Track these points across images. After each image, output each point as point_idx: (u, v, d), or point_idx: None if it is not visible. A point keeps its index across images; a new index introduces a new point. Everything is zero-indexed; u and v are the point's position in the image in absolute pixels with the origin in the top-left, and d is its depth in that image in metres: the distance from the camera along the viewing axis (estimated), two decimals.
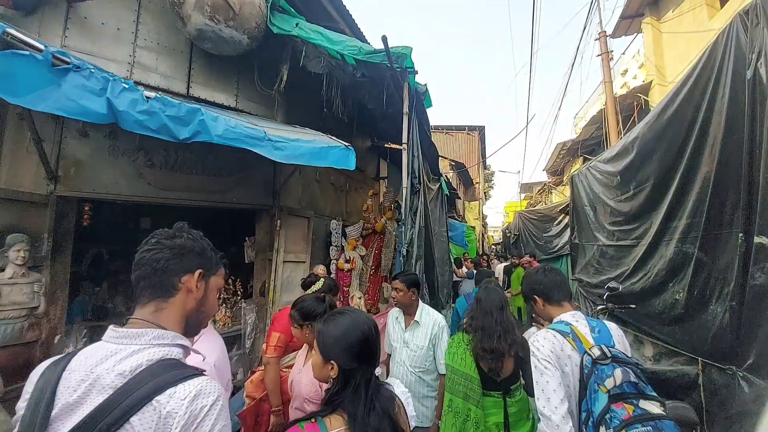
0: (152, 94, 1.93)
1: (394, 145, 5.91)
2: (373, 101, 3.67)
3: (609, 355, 1.09)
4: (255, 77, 3.79)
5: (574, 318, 1.28)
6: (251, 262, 4.12)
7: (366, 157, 6.47)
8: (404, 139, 3.17)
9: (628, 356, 1.12)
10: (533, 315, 1.52)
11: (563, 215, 8.78)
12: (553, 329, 1.24)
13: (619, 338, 1.23)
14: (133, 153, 3.07)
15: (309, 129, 3.24)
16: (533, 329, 2.13)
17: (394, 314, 2.23)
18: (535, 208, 11.31)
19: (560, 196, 11.42)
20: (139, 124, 1.85)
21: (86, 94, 1.77)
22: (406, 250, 2.93)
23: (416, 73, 3.12)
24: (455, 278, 5.60)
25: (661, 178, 2.60)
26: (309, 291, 2.13)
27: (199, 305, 0.85)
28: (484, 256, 9.26)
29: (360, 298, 4.26)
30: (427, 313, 2.11)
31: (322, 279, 2.16)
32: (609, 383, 1.04)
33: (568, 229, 8.65)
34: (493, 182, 29.17)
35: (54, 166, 2.77)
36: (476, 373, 1.59)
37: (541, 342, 1.20)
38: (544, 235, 9.18)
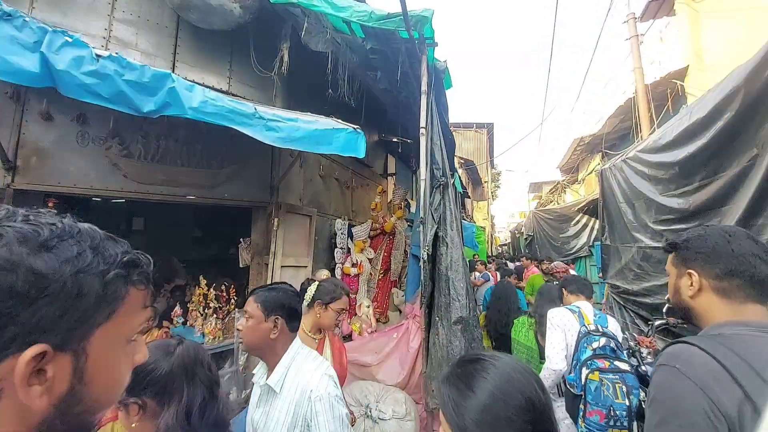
0: (105, 52, 1.48)
1: (403, 139, 5.50)
2: (385, 81, 3.23)
3: (600, 330, 1.65)
4: (251, 57, 3.37)
5: (583, 305, 1.98)
6: (247, 266, 3.75)
7: (373, 152, 6.15)
8: (422, 122, 2.74)
9: (614, 335, 1.64)
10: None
11: (581, 215, 8.45)
12: (566, 308, 1.97)
13: (614, 325, 1.90)
14: (106, 140, 2.65)
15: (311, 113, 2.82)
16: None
17: (259, 371, 1.23)
18: (551, 207, 10.86)
19: (575, 195, 10.95)
20: (84, 89, 1.40)
21: (16, 48, 1.33)
22: (426, 254, 2.47)
23: (436, 45, 2.67)
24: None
25: (742, 166, 2.11)
26: (306, 301, 1.66)
27: (65, 403, 0.39)
28: (491, 260, 8.80)
29: (368, 307, 3.83)
30: (296, 371, 1.10)
31: (315, 282, 1.67)
32: (594, 345, 1.55)
33: (587, 230, 8.47)
34: (499, 182, 28.77)
35: (12, 154, 2.37)
36: (536, 346, 2.36)
37: (555, 312, 1.95)
38: (561, 236, 8.85)
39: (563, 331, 1.87)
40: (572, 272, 3.15)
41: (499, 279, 5.69)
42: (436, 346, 2.50)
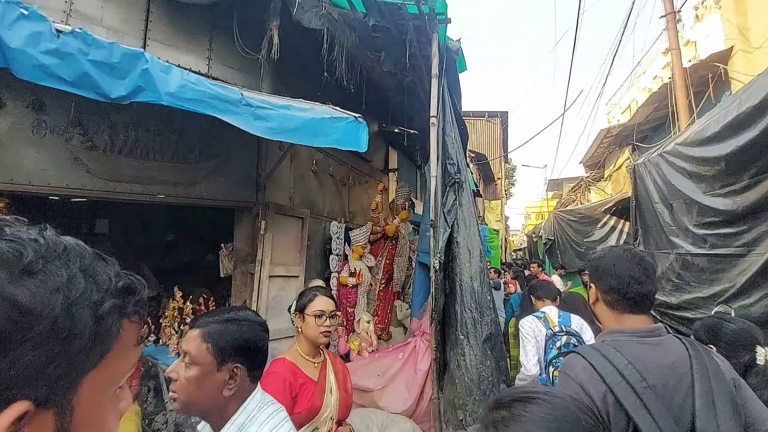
0: (67, 27, 1.43)
1: (407, 130, 5.48)
2: (389, 63, 3.21)
3: (564, 330, 2.14)
4: (234, 35, 3.33)
5: (549, 309, 2.39)
6: (228, 275, 3.74)
7: (373, 145, 6.07)
8: (433, 110, 2.71)
9: (577, 332, 2.14)
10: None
11: (608, 216, 8.45)
12: (533, 315, 2.38)
13: (577, 323, 2.27)
14: (67, 130, 2.60)
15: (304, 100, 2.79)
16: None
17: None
18: (574, 207, 10.86)
19: (601, 194, 10.96)
20: (43, 70, 1.36)
21: None
22: (438, 262, 2.44)
23: (449, 22, 2.64)
24: None
25: None
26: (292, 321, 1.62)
27: None
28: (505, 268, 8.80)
29: (368, 322, 3.80)
30: None
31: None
32: (558, 344, 2.05)
33: (615, 233, 8.47)
34: (514, 178, 28.83)
35: None
36: None
37: (524, 322, 2.34)
38: (585, 240, 8.84)
39: (534, 337, 2.25)
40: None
41: (519, 288, 5.70)
42: (462, 369, 2.48)
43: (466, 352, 2.55)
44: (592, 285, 1.15)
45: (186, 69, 2.93)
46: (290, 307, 1.66)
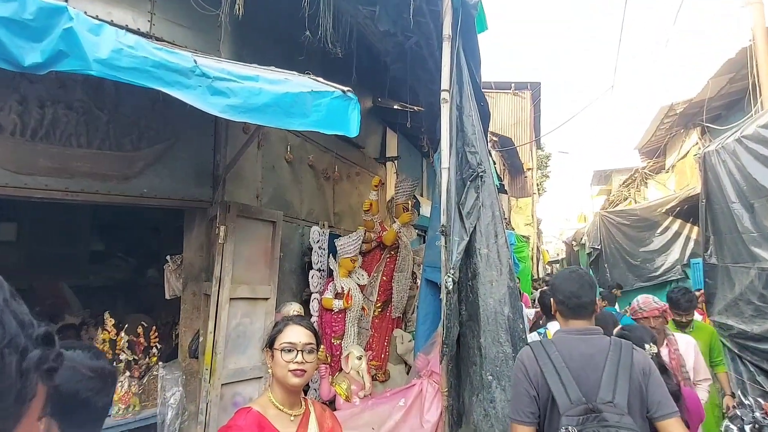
0: None
1: (411, 106, 5.51)
2: (387, 20, 3.22)
3: None
4: None
5: (551, 325, 3.19)
6: (175, 297, 3.76)
7: (366, 127, 6.07)
8: (444, 82, 2.74)
9: None
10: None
11: (671, 219, 8.55)
12: (536, 332, 3.33)
13: None
14: None
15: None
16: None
17: None
18: (626, 207, 10.92)
19: (662, 190, 11.03)
20: None
21: None
22: (452, 280, 2.46)
23: None
24: None
25: None
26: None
27: None
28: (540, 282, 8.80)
29: (360, 358, 3.80)
30: None
31: None
32: None
33: (680, 241, 8.58)
34: (548, 169, 29.03)
35: None
36: None
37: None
38: (642, 249, 8.99)
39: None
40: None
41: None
42: (491, 419, 2.50)
43: (496, 398, 2.55)
44: (552, 298, 2.04)
45: (121, 27, 2.93)
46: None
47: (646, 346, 2.17)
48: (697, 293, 6.97)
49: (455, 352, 2.81)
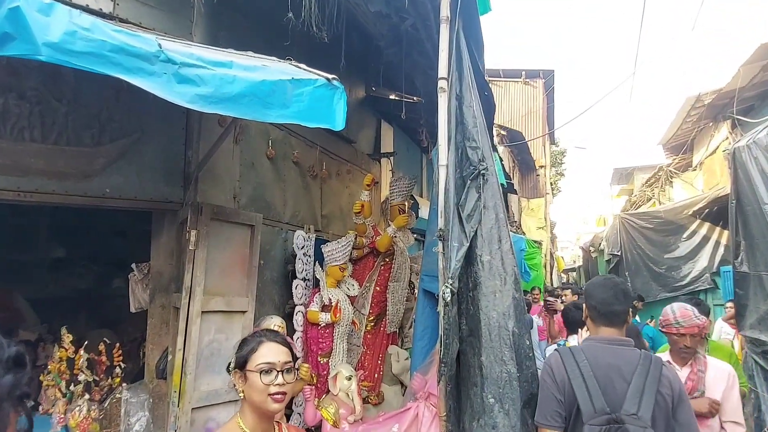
0: None
1: (408, 97, 5.52)
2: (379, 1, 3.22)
3: None
4: None
5: (570, 338, 3.53)
6: (142, 310, 3.75)
7: (358, 119, 6.16)
8: (442, 69, 2.76)
9: None
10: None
11: (698, 222, 8.58)
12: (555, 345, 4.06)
13: None
14: None
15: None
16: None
17: None
18: (650, 209, 10.96)
19: (689, 189, 11.06)
20: None
21: None
22: (450, 291, 2.45)
23: None
24: None
25: None
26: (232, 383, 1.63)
27: None
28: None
29: (349, 378, 3.79)
30: None
31: None
32: None
33: (709, 247, 8.61)
34: (564, 167, 29.13)
35: None
36: None
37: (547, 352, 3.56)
38: (667, 256, 9.03)
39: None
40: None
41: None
42: None
43: (498, 423, 2.52)
44: (584, 305, 2.31)
45: (81, 7, 2.93)
46: (229, 363, 1.66)
47: None
48: (728, 305, 7.02)
49: (455, 371, 2.79)
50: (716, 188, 8.38)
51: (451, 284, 2.54)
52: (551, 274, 17.58)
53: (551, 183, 22.84)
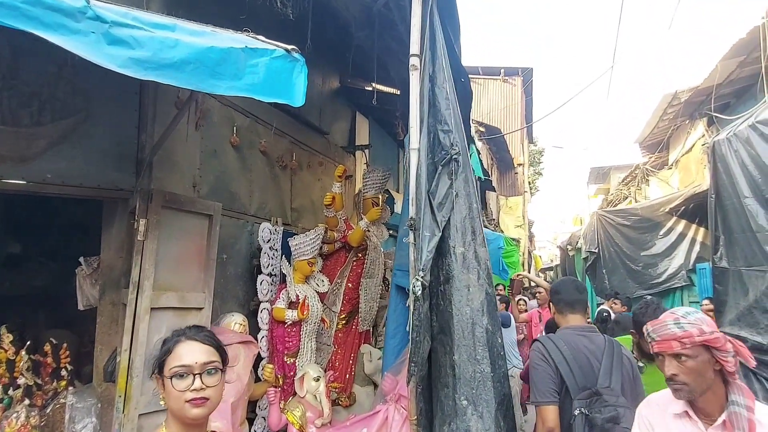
0: None
1: (383, 88, 5.33)
2: None
3: None
4: None
5: None
6: (90, 308, 3.59)
7: (332, 110, 6.00)
8: (413, 46, 2.64)
9: None
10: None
11: (675, 219, 8.60)
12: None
13: None
14: None
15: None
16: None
17: None
18: (626, 206, 10.97)
19: (664, 188, 11.13)
20: None
21: None
22: (421, 284, 2.28)
23: None
24: None
25: None
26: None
27: None
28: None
29: (317, 379, 3.58)
30: None
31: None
32: None
33: (685, 244, 8.60)
34: (542, 166, 29.36)
35: None
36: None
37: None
38: (643, 253, 9.03)
39: None
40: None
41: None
42: None
43: (472, 428, 2.41)
44: (551, 304, 2.79)
45: None
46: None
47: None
48: (704, 302, 6.99)
49: (426, 372, 2.62)
50: (692, 186, 8.41)
51: (422, 277, 2.37)
52: (529, 272, 17.61)
53: (530, 182, 22.93)
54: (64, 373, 3.37)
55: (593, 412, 2.20)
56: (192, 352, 1.41)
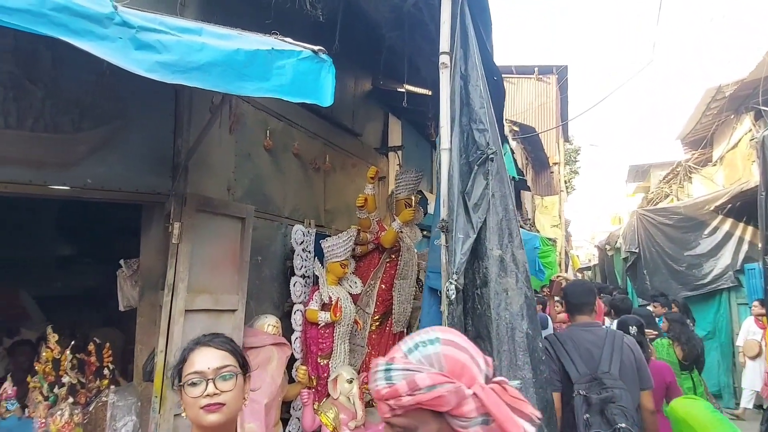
0: None
1: (415, 89, 5.25)
2: None
3: None
4: None
5: None
6: (131, 309, 3.56)
7: (363, 112, 5.93)
8: (443, 43, 2.54)
9: None
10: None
11: (720, 217, 8.26)
12: None
13: None
14: None
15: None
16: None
17: None
18: (668, 205, 10.55)
19: (708, 185, 10.65)
20: None
21: None
22: (455, 287, 2.18)
23: None
24: None
25: None
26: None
27: None
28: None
29: (351, 382, 3.52)
30: None
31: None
32: None
33: (732, 243, 8.20)
34: (578, 165, 28.63)
35: None
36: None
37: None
38: (687, 253, 8.72)
39: None
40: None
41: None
42: None
43: None
44: (562, 302, 4.32)
45: None
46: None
47: (631, 329, 3.63)
48: (754, 304, 6.61)
49: None
50: (738, 182, 8.02)
51: (456, 280, 2.26)
52: (566, 272, 17.15)
53: (566, 181, 22.35)
54: (106, 372, 3.41)
55: (591, 393, 2.49)
56: (205, 358, 1.39)
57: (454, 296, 2.22)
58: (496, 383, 0.96)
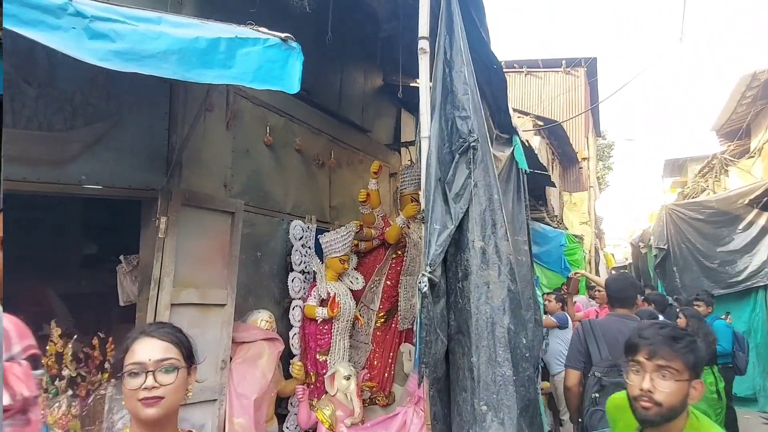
0: None
1: (415, 83, 5.13)
2: None
3: None
4: None
5: None
6: (131, 303, 3.54)
7: (374, 108, 5.90)
8: (422, 27, 2.51)
9: None
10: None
11: (756, 211, 7.81)
12: None
13: None
14: None
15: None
16: None
17: None
18: (700, 199, 10.05)
19: (746, 177, 10.09)
20: None
21: None
22: (429, 280, 2.13)
23: None
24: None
25: None
26: None
27: None
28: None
29: (348, 378, 3.47)
30: None
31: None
32: None
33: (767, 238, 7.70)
34: (611, 160, 27.74)
35: None
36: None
37: None
38: (719, 249, 8.29)
39: None
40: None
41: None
42: None
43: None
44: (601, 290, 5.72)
45: None
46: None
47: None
48: None
49: (443, 374, 2.42)
50: None
51: (429, 272, 2.16)
52: (596, 270, 16.59)
53: (598, 177, 21.66)
54: (107, 365, 3.45)
55: (606, 376, 2.66)
56: (147, 349, 1.32)
57: (426, 289, 2.12)
58: None
